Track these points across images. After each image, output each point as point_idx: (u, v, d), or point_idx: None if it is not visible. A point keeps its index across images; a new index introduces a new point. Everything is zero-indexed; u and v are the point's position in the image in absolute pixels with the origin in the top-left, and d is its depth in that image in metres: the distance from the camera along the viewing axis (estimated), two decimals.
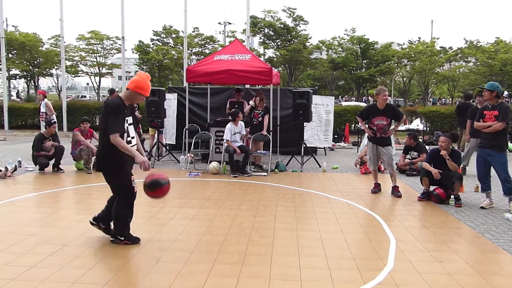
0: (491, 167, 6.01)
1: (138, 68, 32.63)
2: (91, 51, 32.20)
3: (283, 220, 5.28)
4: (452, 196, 6.23)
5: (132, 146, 4.26)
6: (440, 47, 35.34)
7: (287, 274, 3.63)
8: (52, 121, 8.54)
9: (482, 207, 6.01)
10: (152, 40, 31.63)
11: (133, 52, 31.29)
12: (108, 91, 11.61)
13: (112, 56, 33.88)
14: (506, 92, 31.69)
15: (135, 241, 4.32)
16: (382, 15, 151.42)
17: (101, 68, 33.36)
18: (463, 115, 8.90)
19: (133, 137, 4.31)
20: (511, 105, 8.10)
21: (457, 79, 36.81)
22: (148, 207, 5.80)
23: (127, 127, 4.18)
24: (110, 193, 4.47)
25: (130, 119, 4.25)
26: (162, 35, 31.69)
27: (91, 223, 4.48)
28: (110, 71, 34.77)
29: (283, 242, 4.45)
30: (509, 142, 10.69)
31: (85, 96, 45.56)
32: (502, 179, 5.86)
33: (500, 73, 29.47)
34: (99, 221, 4.45)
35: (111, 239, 4.35)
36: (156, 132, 10.28)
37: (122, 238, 4.28)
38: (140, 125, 11.95)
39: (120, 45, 19.17)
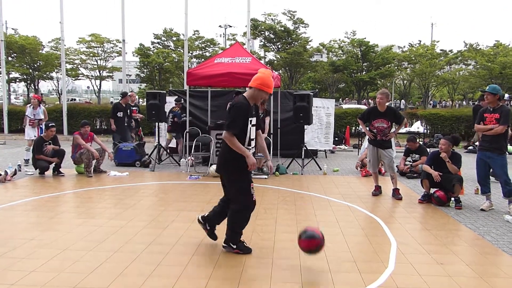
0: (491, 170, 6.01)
1: (139, 71, 32.71)
2: (91, 54, 32.25)
3: (284, 223, 5.27)
4: (452, 199, 6.23)
5: (251, 147, 4.23)
6: (440, 50, 35.40)
7: (288, 277, 3.63)
8: (50, 124, 8.47)
9: (482, 209, 6.00)
10: (152, 43, 31.69)
11: (133, 55, 31.34)
12: (120, 94, 11.63)
13: (113, 59, 33.92)
14: (506, 95, 31.76)
15: (247, 251, 4.17)
16: (383, 18, 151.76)
17: (101, 71, 33.41)
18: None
19: (252, 139, 4.24)
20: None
21: (457, 82, 36.81)
22: (149, 210, 5.81)
23: (250, 128, 4.11)
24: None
25: (254, 120, 4.17)
26: (163, 38, 31.74)
27: (199, 221, 4.41)
28: (111, 74, 34.83)
29: (284, 245, 4.45)
30: (509, 144, 10.70)
31: (74, 99, 44.92)
32: (501, 181, 5.86)
33: (499, 76, 29.48)
34: (207, 221, 4.37)
35: (223, 244, 4.21)
36: (174, 136, 10.31)
37: (235, 247, 4.15)
38: (140, 127, 12.03)
39: (121, 48, 19.20)
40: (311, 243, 3.79)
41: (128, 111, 10.88)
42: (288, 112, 10.56)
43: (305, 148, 9.48)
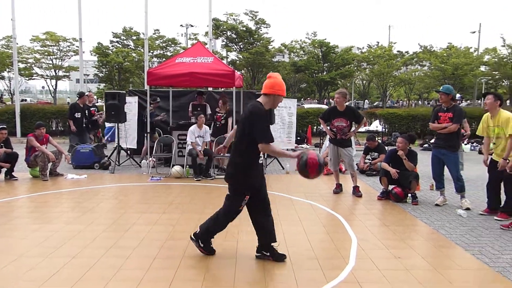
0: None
1: (97, 71, 31.77)
2: (46, 53, 30.94)
3: (247, 223, 5.24)
4: (409, 195, 6.47)
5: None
6: (397, 51, 36.66)
7: (252, 277, 3.64)
8: (0, 126, 8.04)
9: (436, 204, 6.28)
10: (111, 42, 30.81)
11: (91, 54, 30.38)
12: (77, 94, 11.19)
13: (69, 58, 32.70)
14: (458, 95, 33.32)
15: (211, 252, 4.14)
16: (342, 19, 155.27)
17: (57, 70, 32.13)
18: None
19: None
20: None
21: (413, 82, 38.28)
22: (109, 213, 5.65)
23: None
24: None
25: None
26: (122, 37, 30.96)
27: (257, 257, 4.10)
28: (67, 74, 33.56)
29: (247, 245, 4.46)
30: (464, 143, 11.22)
31: (25, 100, 42.47)
32: (454, 177, 6.15)
33: (452, 77, 30.89)
34: (261, 250, 4.09)
35: (192, 237, 4.16)
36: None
37: (202, 245, 4.10)
38: (99, 129, 11.68)
39: (78, 47, 18.57)
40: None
41: (86, 112, 10.56)
42: None
43: None
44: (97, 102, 19.30)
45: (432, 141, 9.22)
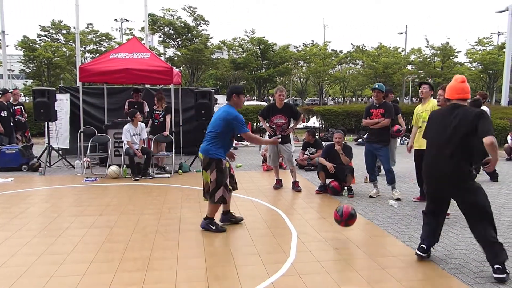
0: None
1: (23, 66, 29.68)
2: None
3: (189, 222, 5.22)
4: (345, 188, 6.75)
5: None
6: (332, 50, 38.04)
7: (194, 276, 3.60)
8: None
9: (370, 196, 6.62)
10: (39, 35, 28.95)
11: (16, 48, 28.32)
12: (0, 90, 10.30)
13: None
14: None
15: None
16: (279, 18, 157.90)
17: None
18: None
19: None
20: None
21: (347, 80, 39.95)
22: (40, 218, 5.31)
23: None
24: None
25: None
26: (51, 31, 29.19)
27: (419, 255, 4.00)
28: None
29: (189, 244, 4.41)
30: (399, 139, 11.83)
31: None
32: (385, 170, 6.52)
33: (382, 75, 32.66)
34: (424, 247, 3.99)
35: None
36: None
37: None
38: (28, 128, 10.92)
39: (0, 40, 17.20)
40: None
41: (12, 110, 9.83)
42: (190, 110, 10.46)
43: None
44: (25, 100, 18.02)
45: (366, 136, 9.60)
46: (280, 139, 4.76)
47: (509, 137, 11.16)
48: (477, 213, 3.65)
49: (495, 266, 3.52)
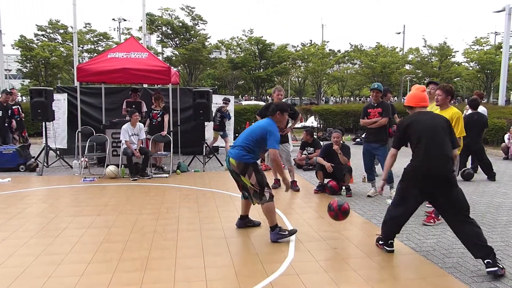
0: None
1: (20, 66, 29.60)
2: None
3: (187, 221, 5.22)
4: (343, 187, 6.76)
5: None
6: (330, 49, 38.05)
7: (192, 276, 3.60)
8: None
9: (368, 196, 6.62)
10: (36, 35, 28.86)
11: (13, 48, 28.23)
12: (1, 92, 10.26)
13: None
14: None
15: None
16: (278, 17, 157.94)
17: None
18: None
19: None
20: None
21: (345, 80, 39.98)
22: (38, 218, 5.30)
23: None
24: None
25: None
26: (48, 30, 29.11)
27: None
28: None
29: (187, 243, 4.40)
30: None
31: None
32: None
33: (380, 75, 32.71)
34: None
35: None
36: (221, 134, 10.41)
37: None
38: (25, 128, 10.89)
39: None
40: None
41: (10, 111, 9.82)
42: (188, 109, 10.45)
43: (206, 145, 9.48)
44: (22, 100, 17.97)
45: (364, 135, 9.59)
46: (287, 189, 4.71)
47: (506, 137, 11.19)
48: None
49: (485, 261, 3.60)
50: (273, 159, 4.65)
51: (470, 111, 8.23)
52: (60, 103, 10.16)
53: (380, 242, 4.26)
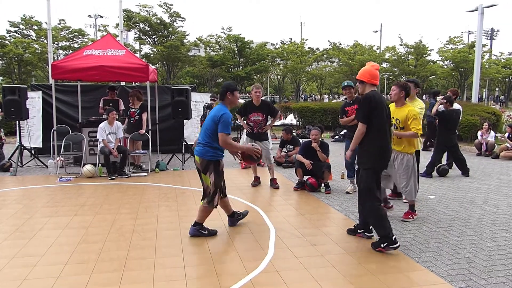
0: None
1: None
2: None
3: (166, 220, 5.18)
4: (322, 184, 6.82)
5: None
6: (309, 47, 38.27)
7: (171, 275, 3.58)
8: None
9: (347, 192, 6.71)
10: (8, 31, 28.00)
11: None
12: None
13: None
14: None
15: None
16: (256, 15, 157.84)
17: None
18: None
19: None
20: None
21: (324, 78, 40.29)
22: (11, 220, 5.16)
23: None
24: None
25: None
26: (21, 26, 28.29)
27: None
28: None
29: (166, 242, 4.37)
30: None
31: None
32: None
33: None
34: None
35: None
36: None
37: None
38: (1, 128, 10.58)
39: None
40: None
41: None
42: (166, 107, 10.34)
43: (185, 143, 9.41)
44: None
45: (342, 133, 9.72)
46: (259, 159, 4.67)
47: (479, 133, 11.50)
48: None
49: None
50: (223, 145, 4.37)
51: (442, 107, 8.36)
52: (34, 101, 9.91)
53: (382, 245, 4.13)
